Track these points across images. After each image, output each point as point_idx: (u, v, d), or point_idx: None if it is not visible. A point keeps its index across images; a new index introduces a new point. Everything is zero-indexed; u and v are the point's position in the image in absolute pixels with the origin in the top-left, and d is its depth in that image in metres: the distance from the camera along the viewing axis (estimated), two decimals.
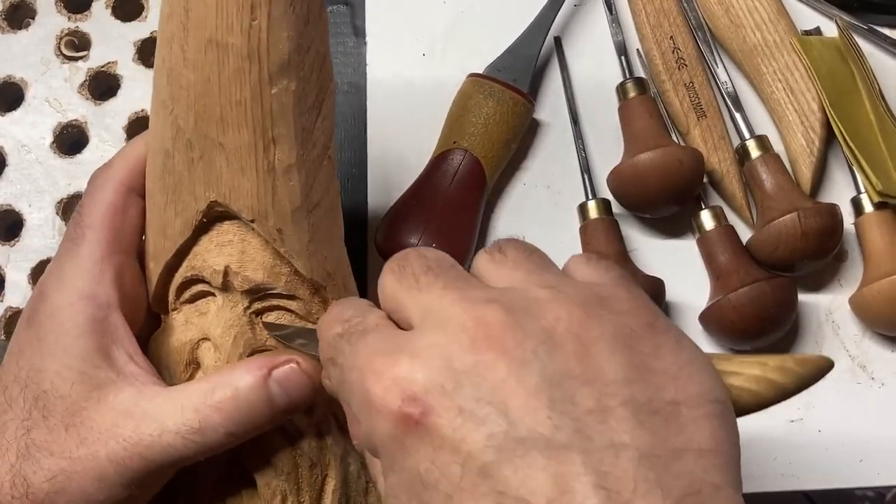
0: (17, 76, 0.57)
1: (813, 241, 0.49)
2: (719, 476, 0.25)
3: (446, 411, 0.25)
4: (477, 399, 0.25)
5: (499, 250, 0.31)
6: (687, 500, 0.24)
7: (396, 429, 0.26)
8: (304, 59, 0.35)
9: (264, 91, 0.34)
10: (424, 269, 0.29)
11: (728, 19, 0.57)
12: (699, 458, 0.25)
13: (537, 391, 0.25)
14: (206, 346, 0.36)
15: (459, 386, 0.25)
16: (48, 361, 0.34)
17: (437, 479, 0.25)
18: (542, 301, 0.27)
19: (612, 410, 0.25)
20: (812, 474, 0.50)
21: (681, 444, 0.25)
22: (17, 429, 0.33)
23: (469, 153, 0.52)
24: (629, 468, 0.24)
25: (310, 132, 0.36)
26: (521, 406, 0.25)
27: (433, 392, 0.25)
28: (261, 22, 0.33)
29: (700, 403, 0.26)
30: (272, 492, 0.35)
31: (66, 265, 0.35)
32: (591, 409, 0.25)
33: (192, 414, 0.33)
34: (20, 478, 0.33)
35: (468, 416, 0.25)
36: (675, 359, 0.27)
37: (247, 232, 0.36)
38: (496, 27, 0.57)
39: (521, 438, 0.24)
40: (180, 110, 0.35)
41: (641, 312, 0.28)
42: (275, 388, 0.33)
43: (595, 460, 0.24)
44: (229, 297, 0.36)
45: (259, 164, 0.35)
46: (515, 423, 0.25)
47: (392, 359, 0.27)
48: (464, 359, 0.26)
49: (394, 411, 0.26)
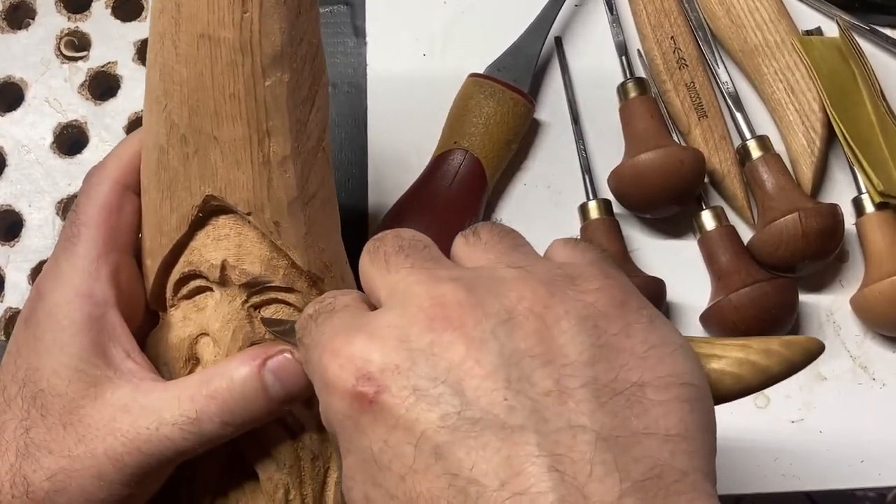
0: (17, 76, 0.57)
1: (814, 241, 0.49)
2: (686, 461, 0.24)
3: (400, 390, 0.25)
4: (432, 379, 0.25)
5: (473, 233, 0.31)
6: (648, 484, 0.23)
7: (351, 408, 0.26)
8: (297, 51, 0.35)
9: (258, 84, 0.34)
10: (396, 250, 0.29)
11: (729, 19, 0.57)
12: (665, 443, 0.24)
13: (494, 371, 0.25)
14: (205, 341, 0.36)
15: (415, 365, 0.25)
16: (45, 360, 0.34)
17: (390, 459, 0.25)
18: (507, 280, 0.27)
19: (571, 392, 0.24)
20: (813, 475, 0.50)
21: (643, 427, 0.24)
22: (16, 428, 0.33)
23: (469, 153, 0.52)
24: (586, 450, 0.23)
25: (304, 124, 0.36)
26: (476, 386, 0.24)
27: (388, 371, 0.25)
28: (252, 14, 0.33)
29: (668, 386, 0.25)
30: (275, 485, 0.35)
31: (63, 264, 0.35)
32: (550, 390, 0.24)
33: (188, 404, 0.33)
34: (20, 477, 0.33)
35: (422, 395, 0.25)
36: (645, 338, 0.26)
37: (243, 225, 0.36)
38: (496, 27, 0.57)
39: (476, 419, 0.24)
40: (174, 106, 0.35)
41: (613, 292, 0.27)
42: (269, 378, 0.33)
43: (550, 442, 0.23)
44: (227, 291, 0.36)
45: (254, 157, 0.35)
46: (470, 403, 0.24)
47: (349, 337, 0.27)
48: (421, 338, 0.26)
49: (348, 390, 0.26)
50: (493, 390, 0.24)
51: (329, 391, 0.27)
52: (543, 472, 0.23)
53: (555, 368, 0.25)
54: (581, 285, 0.27)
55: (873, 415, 0.51)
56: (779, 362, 0.28)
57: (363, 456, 0.26)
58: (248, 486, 0.36)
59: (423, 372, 0.25)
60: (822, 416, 0.51)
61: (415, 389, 0.25)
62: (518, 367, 0.25)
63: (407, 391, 0.25)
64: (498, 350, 0.25)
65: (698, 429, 0.25)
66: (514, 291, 0.26)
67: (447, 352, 0.25)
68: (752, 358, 0.28)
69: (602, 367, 0.25)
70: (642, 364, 0.25)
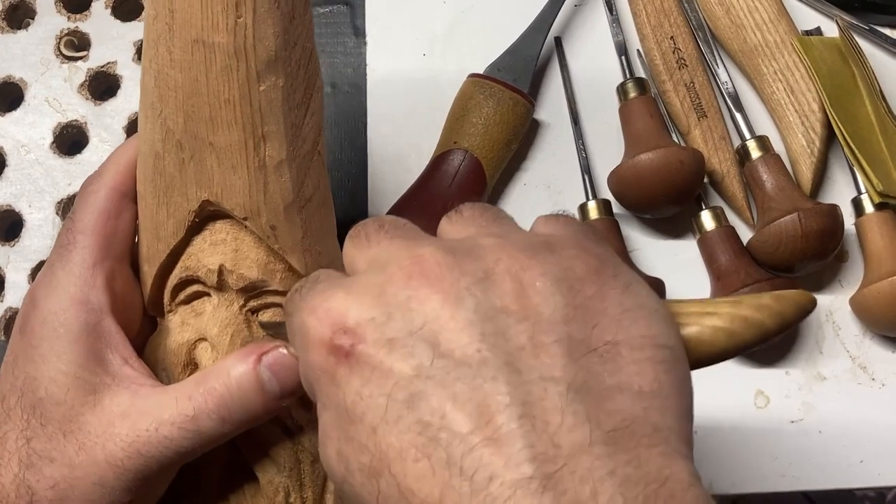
0: (16, 76, 0.57)
1: (813, 241, 0.49)
2: (659, 417, 0.25)
3: (375, 343, 0.25)
4: (408, 332, 0.25)
5: (456, 211, 0.31)
6: (618, 434, 0.23)
7: (327, 361, 0.26)
8: (291, 55, 0.35)
9: (252, 88, 0.34)
10: (377, 229, 0.30)
11: (729, 19, 0.57)
12: (638, 399, 0.25)
13: (469, 325, 0.25)
14: (203, 346, 0.36)
15: (390, 319, 0.25)
16: (42, 368, 0.34)
17: (363, 411, 0.25)
18: (486, 246, 0.27)
19: (545, 346, 0.25)
20: (812, 475, 0.50)
21: (617, 383, 0.25)
22: (17, 438, 0.33)
23: (469, 153, 0.52)
24: (557, 401, 0.24)
25: (299, 128, 0.36)
26: (450, 339, 0.25)
27: (363, 324, 0.26)
28: (246, 19, 0.33)
29: (643, 346, 0.26)
30: (275, 488, 0.35)
31: (58, 271, 0.35)
32: (524, 345, 0.25)
33: (185, 402, 0.33)
34: (24, 487, 0.33)
35: (397, 346, 0.25)
36: (620, 302, 0.26)
37: (240, 230, 0.36)
38: (496, 27, 0.57)
39: (449, 369, 0.24)
40: (169, 111, 0.35)
41: (589, 259, 0.27)
42: (265, 374, 0.33)
43: (522, 392, 0.24)
44: (225, 296, 0.36)
45: (250, 162, 0.35)
46: (444, 355, 0.25)
47: (327, 294, 0.27)
48: (398, 294, 0.26)
49: (325, 343, 0.26)
50: (468, 343, 0.25)
51: (307, 347, 0.27)
52: (514, 419, 0.23)
53: (529, 325, 0.25)
54: (558, 252, 0.27)
55: (873, 415, 0.51)
56: (770, 316, 0.28)
57: (338, 410, 0.26)
58: (248, 489, 0.36)
59: (398, 325, 0.25)
60: (821, 416, 0.51)
61: (390, 341, 0.25)
62: (493, 322, 0.25)
63: (382, 343, 0.25)
64: (474, 306, 0.25)
65: (672, 389, 0.26)
66: (492, 254, 0.27)
67: (423, 306, 0.25)
68: (744, 313, 0.28)
69: (576, 325, 0.25)
70: (617, 325, 0.26)
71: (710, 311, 0.28)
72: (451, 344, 0.25)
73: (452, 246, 0.27)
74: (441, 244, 0.27)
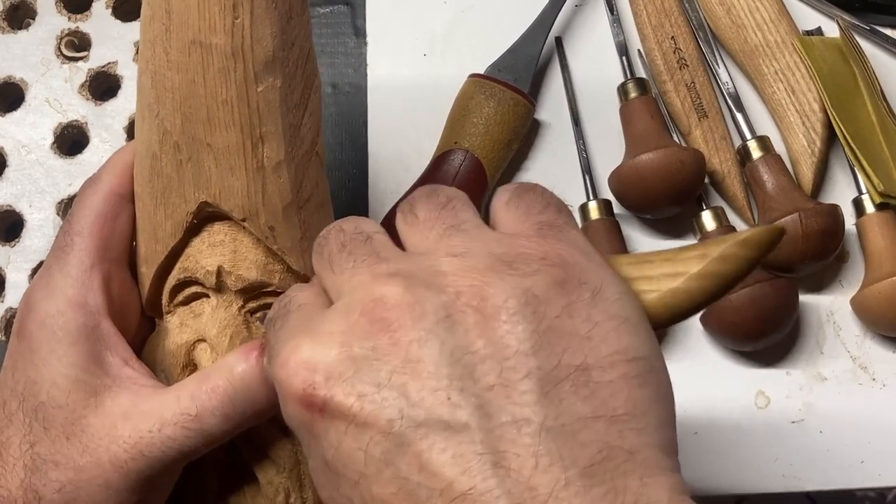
0: (17, 76, 0.57)
1: (814, 241, 0.49)
2: (636, 439, 0.24)
3: (346, 398, 0.25)
4: (376, 384, 0.25)
5: (410, 210, 0.30)
6: (595, 469, 0.23)
7: (303, 415, 0.26)
8: (289, 56, 0.35)
9: (250, 89, 0.34)
10: (339, 247, 0.29)
11: (729, 19, 0.56)
12: (611, 424, 0.24)
13: (436, 370, 0.25)
14: (202, 347, 0.36)
15: (358, 372, 0.25)
16: (43, 372, 0.34)
17: (344, 464, 0.25)
18: (446, 273, 0.27)
19: (514, 384, 0.24)
20: (813, 475, 0.50)
21: (591, 411, 0.24)
22: (20, 443, 0.33)
23: (470, 153, 0.52)
24: (530, 443, 0.24)
25: (297, 128, 0.36)
26: (420, 388, 0.25)
27: (332, 379, 0.26)
28: (243, 20, 0.33)
29: (613, 364, 0.25)
30: (275, 489, 0.35)
31: (55, 274, 0.35)
32: (492, 385, 0.24)
33: (188, 401, 0.33)
34: (32, 492, 0.33)
35: (368, 401, 0.25)
36: (588, 316, 0.26)
37: (238, 231, 0.36)
38: (496, 27, 0.57)
39: (420, 421, 0.24)
40: (166, 113, 0.35)
41: (552, 271, 0.26)
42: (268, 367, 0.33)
43: (494, 438, 0.24)
44: (223, 297, 0.36)
45: (248, 163, 0.35)
46: (415, 405, 0.24)
47: (296, 344, 0.27)
48: (363, 344, 0.26)
49: (298, 399, 0.26)
50: (437, 390, 0.25)
51: (283, 400, 0.27)
52: (488, 469, 0.23)
53: (496, 362, 0.25)
54: (519, 269, 0.26)
55: (873, 415, 0.51)
56: (738, 265, 0.28)
57: (320, 462, 0.26)
58: (248, 490, 0.36)
59: (366, 378, 0.25)
60: (822, 416, 0.51)
61: (360, 396, 0.25)
62: (460, 363, 0.25)
63: (353, 398, 0.25)
64: (438, 349, 0.25)
65: (649, 402, 0.25)
66: (452, 286, 0.26)
67: (388, 356, 0.25)
68: (712, 269, 0.28)
69: (544, 354, 0.25)
70: (586, 345, 0.25)
71: (680, 270, 0.28)
72: (420, 392, 0.25)
73: (412, 274, 0.27)
74: (399, 275, 0.27)
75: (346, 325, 0.26)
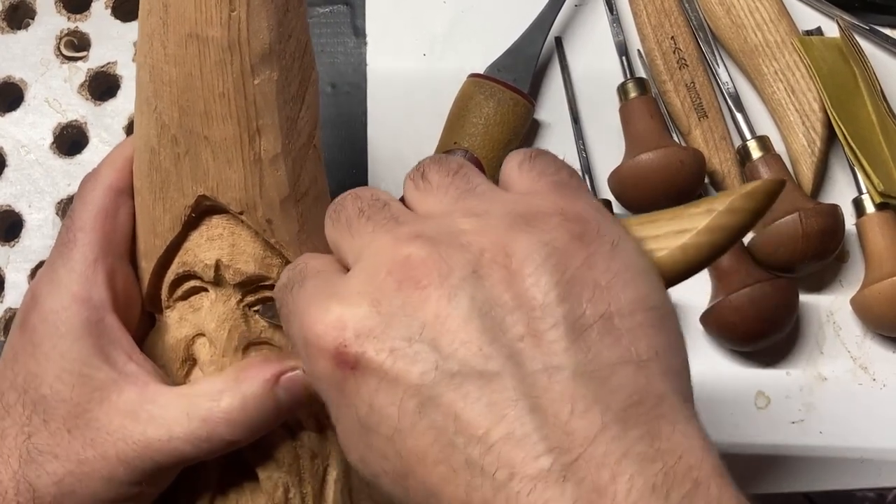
0: (16, 76, 0.57)
1: (814, 241, 0.49)
2: (661, 384, 0.25)
3: (378, 353, 0.25)
4: (408, 339, 0.25)
5: (422, 176, 0.31)
6: (629, 412, 0.24)
7: (334, 374, 0.26)
8: (286, 48, 0.35)
9: (247, 82, 0.34)
10: (357, 213, 0.29)
11: (729, 19, 0.56)
12: (639, 370, 0.25)
13: (466, 323, 0.25)
14: (201, 341, 0.36)
15: (389, 327, 0.26)
16: (45, 366, 0.34)
17: (377, 421, 0.25)
18: (467, 233, 0.27)
19: (543, 334, 0.25)
20: (813, 475, 0.50)
21: (617, 357, 0.25)
22: (17, 435, 0.33)
23: (470, 153, 0.52)
24: (564, 389, 0.24)
25: (294, 121, 0.36)
26: (451, 340, 0.25)
27: (363, 336, 0.26)
28: (240, 13, 0.33)
29: (633, 312, 0.26)
30: (274, 484, 0.35)
31: (60, 269, 0.35)
32: (522, 335, 0.25)
33: (199, 423, 0.33)
34: (25, 483, 0.33)
35: (400, 356, 0.25)
36: (607, 267, 0.26)
37: (236, 225, 0.36)
38: (496, 27, 0.57)
39: (454, 372, 0.24)
40: (164, 106, 0.35)
41: (570, 225, 0.27)
42: (281, 394, 0.34)
43: (527, 385, 0.24)
44: (222, 291, 0.36)
45: (245, 156, 0.35)
46: (447, 357, 0.25)
47: (324, 306, 0.27)
48: (392, 301, 0.26)
49: (329, 359, 0.26)
50: (468, 341, 0.25)
51: (311, 361, 0.27)
52: (525, 415, 0.24)
53: (524, 313, 0.25)
54: (538, 225, 0.27)
55: (873, 415, 0.51)
56: (744, 217, 0.29)
57: (353, 421, 0.26)
58: (247, 485, 0.36)
59: (398, 333, 0.25)
60: (822, 416, 0.51)
61: (392, 351, 0.25)
62: (489, 316, 0.25)
63: (384, 353, 0.25)
64: (468, 302, 0.25)
65: (667, 350, 0.26)
66: (475, 245, 0.26)
67: (419, 310, 0.25)
68: (720, 222, 0.28)
69: (569, 304, 0.25)
70: (607, 294, 0.26)
71: (687, 227, 0.29)
72: (452, 345, 0.25)
73: (434, 235, 0.27)
74: (422, 236, 0.27)
75: (374, 285, 0.26)
